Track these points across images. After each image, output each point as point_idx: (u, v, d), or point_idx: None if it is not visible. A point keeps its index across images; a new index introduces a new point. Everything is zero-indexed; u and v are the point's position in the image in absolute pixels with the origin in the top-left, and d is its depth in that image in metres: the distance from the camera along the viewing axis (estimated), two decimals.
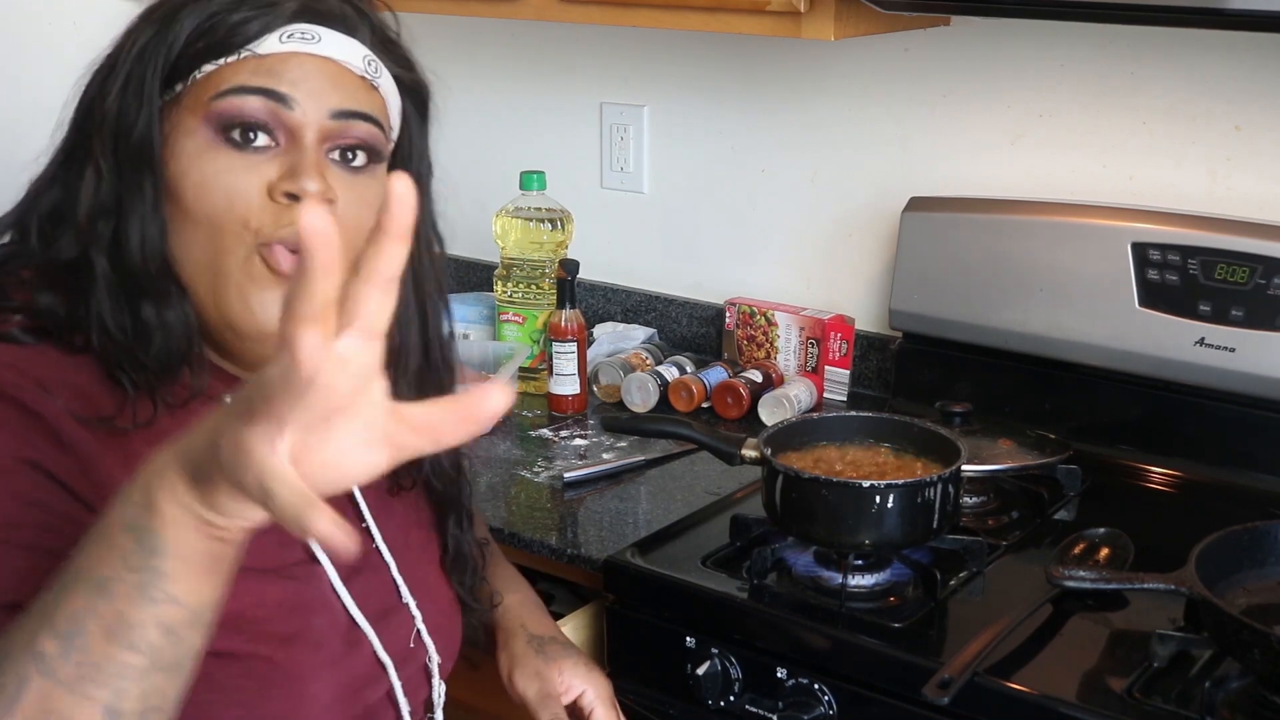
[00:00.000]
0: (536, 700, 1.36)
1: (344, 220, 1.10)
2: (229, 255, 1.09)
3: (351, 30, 1.13)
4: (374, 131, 1.14)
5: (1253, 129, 1.85)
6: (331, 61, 1.11)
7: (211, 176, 1.08)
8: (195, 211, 1.09)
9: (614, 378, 2.19)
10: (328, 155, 1.12)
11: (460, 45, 2.53)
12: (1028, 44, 1.99)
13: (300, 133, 1.10)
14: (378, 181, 1.16)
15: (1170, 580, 1.41)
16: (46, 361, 1.05)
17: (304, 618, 1.14)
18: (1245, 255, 1.77)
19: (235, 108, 1.08)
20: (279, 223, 1.08)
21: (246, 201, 1.08)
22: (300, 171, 1.09)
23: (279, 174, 1.09)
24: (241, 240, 1.08)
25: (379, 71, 1.15)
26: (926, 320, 2.04)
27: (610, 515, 1.81)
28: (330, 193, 1.10)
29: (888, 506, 1.50)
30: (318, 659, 1.15)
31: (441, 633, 1.29)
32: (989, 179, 2.05)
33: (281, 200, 1.08)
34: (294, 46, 1.10)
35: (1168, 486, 1.86)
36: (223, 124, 1.08)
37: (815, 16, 1.77)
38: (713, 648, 1.54)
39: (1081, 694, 1.37)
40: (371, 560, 1.24)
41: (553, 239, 2.23)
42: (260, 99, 1.08)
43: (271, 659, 1.10)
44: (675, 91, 2.34)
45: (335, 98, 1.11)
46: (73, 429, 1.02)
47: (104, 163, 1.09)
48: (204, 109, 1.09)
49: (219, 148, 1.09)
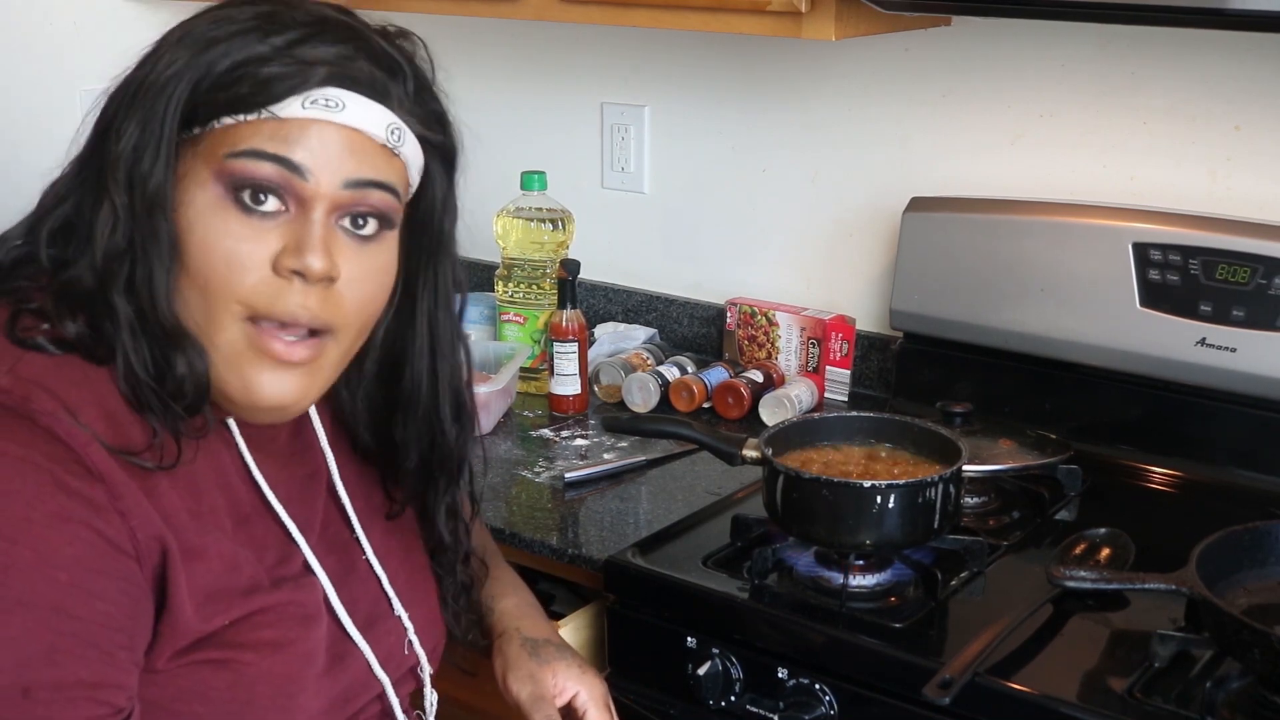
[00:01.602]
0: (530, 703, 1.36)
1: (347, 292, 1.10)
2: (219, 331, 1.08)
3: (381, 96, 1.10)
4: (388, 200, 1.12)
5: (1253, 129, 1.85)
6: (354, 131, 1.09)
7: (216, 239, 1.07)
8: (196, 271, 1.07)
9: (615, 378, 2.19)
10: (337, 223, 1.10)
11: (460, 45, 2.53)
12: (1028, 44, 1.99)
13: (311, 204, 1.08)
14: (386, 249, 1.15)
15: (1171, 580, 1.41)
16: (75, 376, 1.05)
17: (297, 627, 1.14)
18: (1246, 255, 1.76)
19: (248, 171, 1.06)
20: (279, 298, 1.07)
21: (246, 272, 1.07)
22: (306, 246, 1.07)
23: (284, 245, 1.07)
24: (232, 314, 1.08)
25: (402, 140, 1.12)
26: (927, 320, 2.04)
27: (611, 515, 1.81)
28: (334, 270, 1.09)
29: (888, 507, 1.50)
30: (309, 669, 1.15)
31: (430, 640, 1.30)
32: (989, 179, 2.05)
33: (285, 275, 1.07)
34: (316, 114, 1.07)
35: (1168, 487, 1.86)
36: (234, 184, 1.07)
37: (816, 16, 1.77)
38: (713, 648, 1.54)
39: (1082, 694, 1.37)
40: (360, 570, 1.25)
41: (553, 239, 2.23)
42: (275, 166, 1.06)
43: (259, 667, 1.11)
44: (676, 91, 2.34)
45: (352, 166, 1.09)
46: (100, 459, 1.02)
47: (119, 203, 1.07)
48: (217, 164, 1.07)
49: (228, 208, 1.07)
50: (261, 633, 1.11)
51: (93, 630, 1.01)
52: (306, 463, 1.25)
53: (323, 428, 1.27)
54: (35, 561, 0.99)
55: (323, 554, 1.20)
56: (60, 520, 1.00)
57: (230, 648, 1.09)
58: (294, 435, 1.24)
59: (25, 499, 0.99)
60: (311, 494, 1.23)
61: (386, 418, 1.27)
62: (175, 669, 1.07)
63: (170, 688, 1.08)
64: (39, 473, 1.00)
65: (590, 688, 1.39)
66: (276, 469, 1.19)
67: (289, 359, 1.09)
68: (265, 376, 1.09)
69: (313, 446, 1.26)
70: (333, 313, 1.10)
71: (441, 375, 1.26)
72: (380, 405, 1.27)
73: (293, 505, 1.19)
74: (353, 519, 1.26)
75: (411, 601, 1.28)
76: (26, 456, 1.00)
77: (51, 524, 1.00)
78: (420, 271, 1.21)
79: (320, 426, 1.27)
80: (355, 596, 1.22)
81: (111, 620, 1.02)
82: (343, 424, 1.30)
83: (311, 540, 1.20)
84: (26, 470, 1.00)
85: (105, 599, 1.02)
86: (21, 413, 1.01)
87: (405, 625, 1.27)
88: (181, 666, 1.08)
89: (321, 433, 1.27)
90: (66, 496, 1.00)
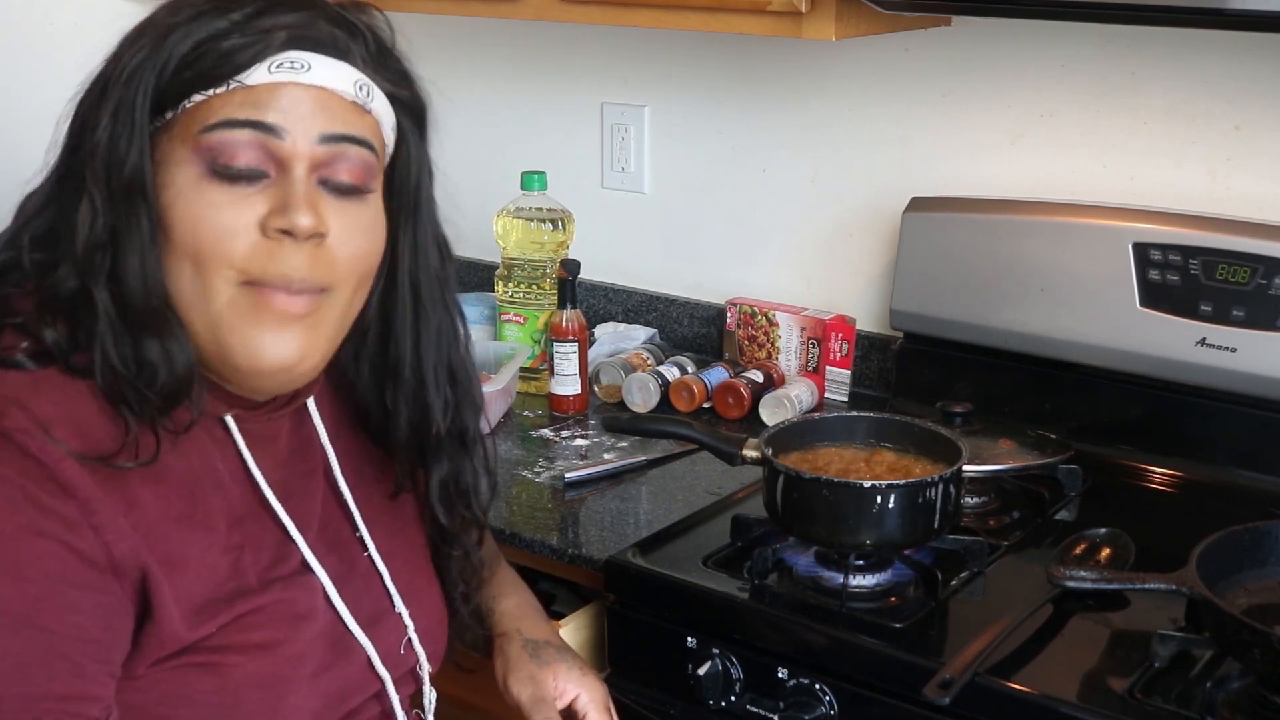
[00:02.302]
0: (530, 704, 1.36)
1: (338, 250, 1.11)
2: (216, 297, 1.08)
3: (343, 54, 1.12)
4: (365, 155, 1.13)
5: (1253, 129, 1.85)
6: (322, 89, 1.10)
7: (201, 211, 1.07)
8: (184, 246, 1.08)
9: (615, 378, 2.19)
10: (319, 184, 1.11)
11: (460, 45, 2.53)
12: (1028, 44, 1.99)
13: (291, 164, 1.09)
14: (372, 206, 1.15)
15: (1171, 580, 1.41)
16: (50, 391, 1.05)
17: (286, 628, 1.14)
18: (1246, 255, 1.76)
19: (225, 141, 1.07)
20: (271, 260, 1.08)
21: (235, 238, 1.07)
22: (292, 206, 1.08)
23: (269, 208, 1.08)
24: (227, 280, 1.08)
25: (370, 95, 1.14)
26: (927, 320, 2.04)
27: (611, 515, 1.81)
28: (322, 226, 1.09)
29: (889, 507, 1.50)
30: (299, 670, 1.15)
31: (431, 638, 1.30)
32: (989, 179, 2.05)
33: (274, 236, 1.08)
34: (283, 76, 1.09)
35: (1168, 487, 1.86)
36: (212, 157, 1.07)
37: (816, 16, 1.77)
38: (714, 648, 1.54)
39: (1082, 694, 1.37)
40: (362, 568, 1.25)
41: (554, 239, 2.23)
42: (250, 131, 1.07)
43: (245, 669, 1.11)
44: (676, 91, 2.34)
45: (325, 121, 1.10)
46: (74, 474, 1.02)
47: (98, 195, 1.07)
48: (194, 141, 1.08)
49: (209, 181, 1.08)
50: (250, 635, 1.11)
51: (63, 643, 1.01)
52: (307, 459, 1.25)
53: (323, 424, 1.27)
54: (3, 575, 0.99)
55: (323, 552, 1.20)
56: (30, 534, 1.00)
57: (216, 651, 1.09)
58: (294, 432, 1.24)
59: None
60: (311, 491, 1.23)
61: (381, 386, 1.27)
62: (158, 673, 1.08)
63: (153, 692, 1.08)
64: (10, 488, 1.00)
65: (591, 690, 1.39)
66: (276, 467, 1.19)
67: (291, 311, 1.10)
68: (268, 337, 1.09)
69: (313, 442, 1.26)
70: (326, 271, 1.11)
71: (426, 338, 1.25)
72: (381, 375, 1.27)
73: (291, 503, 1.19)
74: (355, 516, 1.26)
75: (413, 600, 1.28)
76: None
77: (21, 538, 1.00)
78: (401, 233, 1.21)
79: (320, 422, 1.27)
80: (357, 594, 1.22)
81: (84, 632, 1.02)
82: (348, 407, 1.29)
83: (310, 538, 1.19)
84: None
85: (78, 611, 1.02)
86: None
87: (406, 623, 1.27)
88: (164, 671, 1.08)
89: (322, 428, 1.26)
90: (38, 512, 1.01)
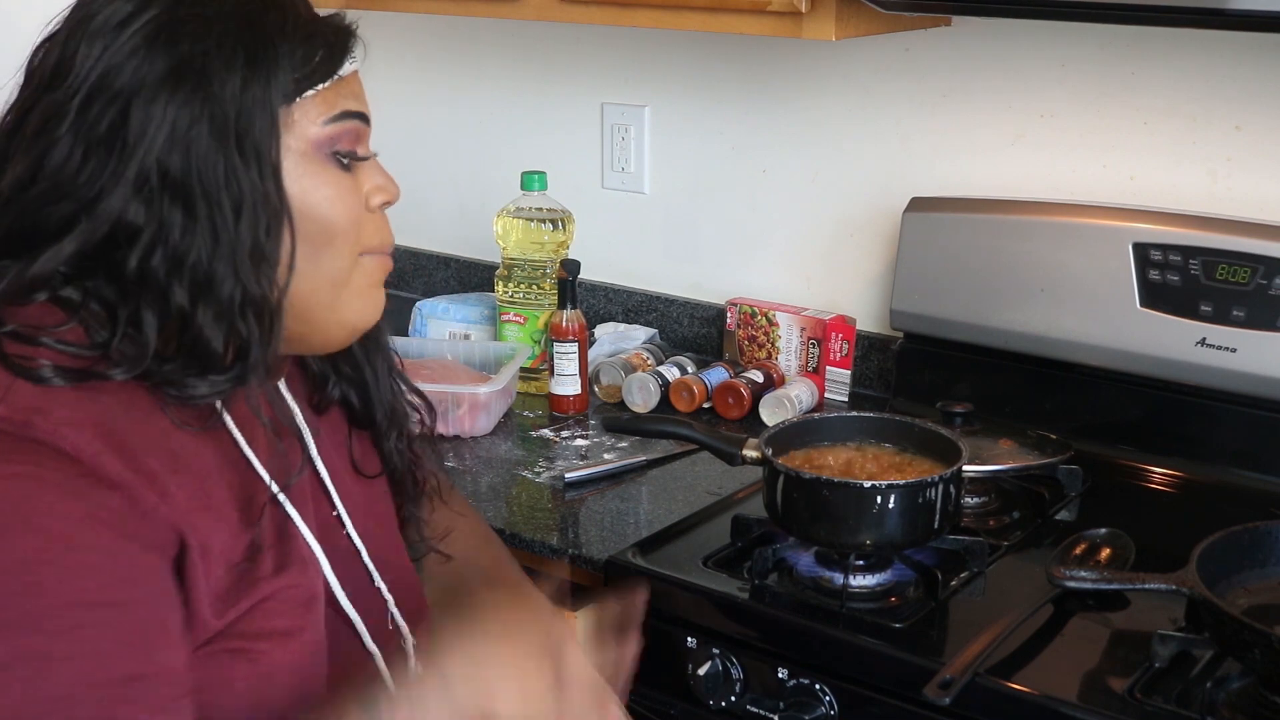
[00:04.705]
0: None
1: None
2: (350, 266, 1.18)
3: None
4: None
5: (1253, 129, 1.85)
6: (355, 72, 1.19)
7: (333, 199, 1.15)
8: (322, 233, 1.15)
9: (615, 378, 2.19)
10: None
11: (460, 45, 2.53)
12: (1028, 44, 1.99)
13: (366, 142, 1.19)
14: None
15: (1171, 580, 1.41)
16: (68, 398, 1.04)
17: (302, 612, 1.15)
18: (1246, 255, 1.77)
19: (343, 132, 1.15)
20: (379, 233, 1.20)
21: (359, 221, 1.17)
22: (386, 183, 1.20)
23: (370, 186, 1.18)
24: (353, 252, 1.18)
25: None
26: (927, 320, 2.04)
27: (611, 515, 1.81)
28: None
29: (889, 507, 1.50)
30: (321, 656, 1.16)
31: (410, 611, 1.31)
32: (989, 179, 2.05)
33: (375, 210, 1.19)
34: (354, 66, 1.18)
35: (1169, 487, 1.86)
36: (332, 148, 1.15)
37: (816, 16, 1.77)
38: (714, 648, 1.54)
39: (1082, 694, 1.37)
40: (344, 547, 1.26)
41: (554, 239, 2.23)
42: (356, 121, 1.17)
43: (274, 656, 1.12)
44: (676, 91, 2.35)
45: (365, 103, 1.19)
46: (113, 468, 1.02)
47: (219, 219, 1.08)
48: (314, 134, 1.13)
49: (331, 169, 1.15)
50: (273, 621, 1.12)
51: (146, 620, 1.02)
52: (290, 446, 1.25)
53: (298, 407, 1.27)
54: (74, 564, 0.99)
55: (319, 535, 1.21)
56: (87, 521, 1.01)
57: (245, 638, 1.10)
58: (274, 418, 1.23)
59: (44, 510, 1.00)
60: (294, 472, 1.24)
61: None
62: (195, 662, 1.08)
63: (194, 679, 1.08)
64: (52, 488, 1.00)
65: None
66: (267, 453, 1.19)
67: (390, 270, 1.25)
68: (379, 295, 1.22)
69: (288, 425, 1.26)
70: None
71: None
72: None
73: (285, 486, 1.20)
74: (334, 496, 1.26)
75: (389, 574, 1.29)
76: (37, 474, 1.00)
77: (80, 525, 1.00)
78: None
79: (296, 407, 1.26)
80: (343, 573, 1.23)
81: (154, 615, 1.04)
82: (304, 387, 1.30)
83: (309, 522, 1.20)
84: (41, 488, 1.00)
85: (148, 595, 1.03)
86: (24, 436, 1.01)
87: (386, 597, 1.28)
88: (200, 659, 1.08)
89: (296, 409, 1.26)
90: (85, 503, 1.01)
